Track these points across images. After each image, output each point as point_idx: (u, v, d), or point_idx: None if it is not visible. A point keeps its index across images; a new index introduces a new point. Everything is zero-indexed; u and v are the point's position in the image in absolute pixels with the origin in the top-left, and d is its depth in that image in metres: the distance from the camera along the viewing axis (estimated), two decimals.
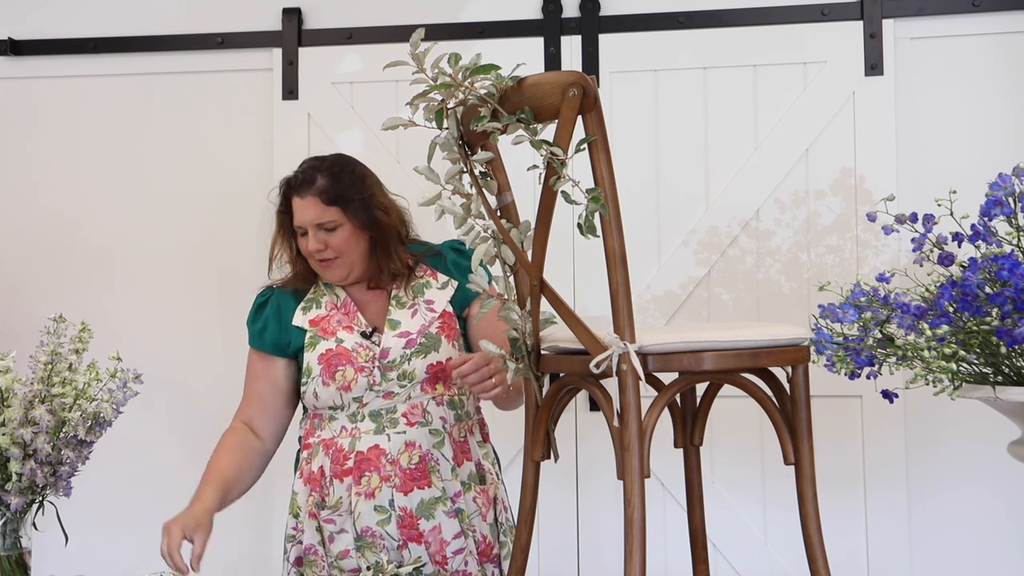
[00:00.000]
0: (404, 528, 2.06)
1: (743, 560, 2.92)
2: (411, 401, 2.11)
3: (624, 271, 1.60)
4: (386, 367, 2.10)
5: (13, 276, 3.24)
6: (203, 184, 3.20)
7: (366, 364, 2.10)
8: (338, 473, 2.09)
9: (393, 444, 2.08)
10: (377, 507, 2.06)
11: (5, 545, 1.97)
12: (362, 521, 2.07)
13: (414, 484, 2.07)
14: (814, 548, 1.77)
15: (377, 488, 2.06)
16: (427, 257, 2.22)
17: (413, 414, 2.10)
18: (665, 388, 1.74)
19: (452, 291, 2.19)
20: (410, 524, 2.06)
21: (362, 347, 2.11)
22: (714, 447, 2.92)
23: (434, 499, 2.07)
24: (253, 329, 2.22)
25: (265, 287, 2.26)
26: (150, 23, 3.23)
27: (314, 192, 2.11)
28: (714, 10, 3.01)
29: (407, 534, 2.06)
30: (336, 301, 2.18)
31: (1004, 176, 1.73)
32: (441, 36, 2.90)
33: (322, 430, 2.14)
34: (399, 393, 2.10)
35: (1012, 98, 2.90)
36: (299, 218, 2.13)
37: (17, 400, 1.98)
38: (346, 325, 2.15)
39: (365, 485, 2.07)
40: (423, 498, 2.07)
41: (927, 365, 1.62)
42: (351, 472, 2.08)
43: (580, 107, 1.56)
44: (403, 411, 2.10)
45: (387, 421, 2.09)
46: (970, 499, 2.87)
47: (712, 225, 2.97)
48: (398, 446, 2.08)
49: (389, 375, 2.10)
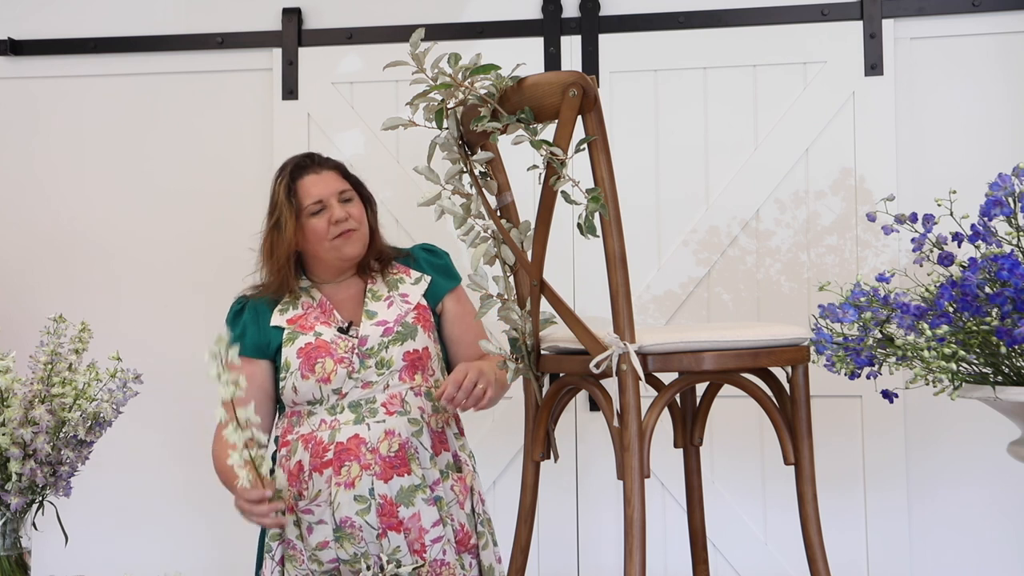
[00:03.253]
0: (383, 516, 2.08)
1: (743, 560, 2.92)
2: (389, 390, 2.14)
3: (624, 271, 1.60)
4: (364, 354, 2.14)
5: (13, 276, 3.24)
6: (203, 184, 3.19)
7: (345, 355, 2.13)
8: (317, 466, 2.11)
9: (373, 433, 2.10)
10: (357, 496, 2.08)
11: (5, 545, 1.97)
12: (341, 511, 2.08)
13: (394, 472, 2.09)
14: (814, 548, 1.77)
15: (357, 477, 2.08)
16: (399, 258, 2.31)
17: (392, 404, 2.13)
18: (665, 388, 1.74)
19: (425, 286, 2.26)
20: (390, 512, 2.08)
21: (341, 339, 2.15)
22: (714, 447, 2.92)
23: (413, 487, 2.10)
24: (233, 335, 2.22)
25: (239, 296, 2.30)
26: (150, 23, 3.22)
27: (329, 167, 2.23)
28: (714, 10, 3.01)
29: (386, 522, 2.08)
30: (312, 302, 2.23)
31: (1004, 176, 1.73)
32: (441, 36, 2.90)
33: (300, 426, 2.16)
34: (377, 382, 2.13)
35: (1012, 98, 2.90)
36: (319, 191, 2.18)
37: (17, 400, 1.98)
38: (323, 321, 2.19)
39: (345, 475, 2.09)
40: (402, 485, 2.09)
41: (927, 365, 1.62)
42: (331, 463, 2.10)
43: (580, 107, 1.56)
44: (382, 401, 2.13)
45: (366, 411, 2.12)
46: (970, 499, 2.87)
47: (712, 225, 2.97)
48: (378, 434, 2.10)
49: (367, 362, 2.13)
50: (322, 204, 2.17)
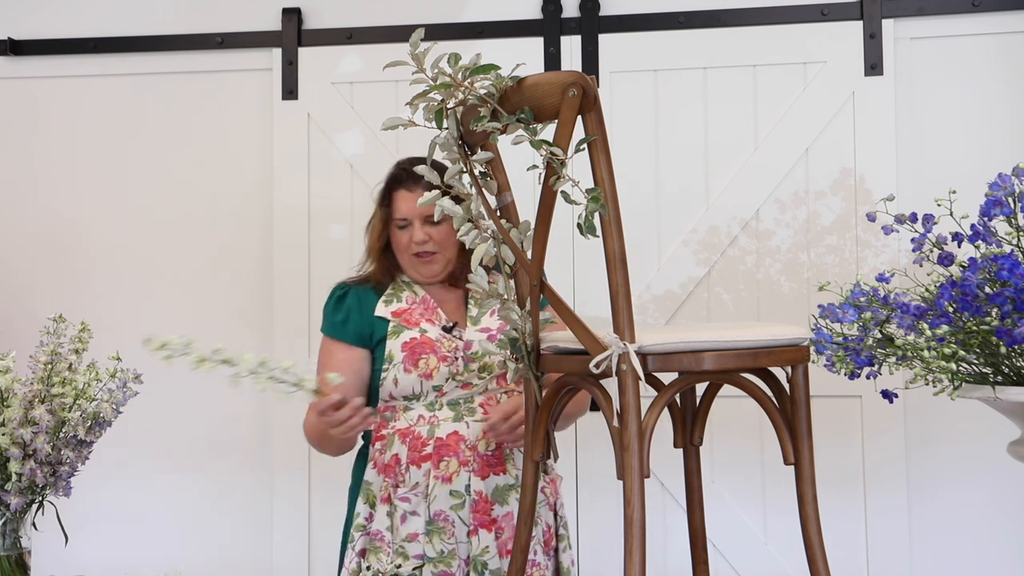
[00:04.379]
0: (477, 513, 2.10)
1: (743, 560, 2.92)
2: (487, 393, 2.17)
3: (624, 271, 1.60)
4: (469, 358, 2.17)
5: (13, 276, 3.24)
6: (203, 184, 3.19)
7: (449, 354, 2.16)
8: (415, 460, 2.13)
9: (472, 431, 2.13)
10: (453, 491, 2.10)
11: (5, 545, 1.97)
12: (436, 504, 2.10)
13: (490, 470, 2.12)
14: (814, 548, 1.77)
15: (455, 472, 2.11)
16: None
17: (489, 404, 2.16)
18: (665, 388, 1.74)
19: None
20: (484, 509, 2.10)
21: (445, 338, 2.18)
22: (714, 447, 2.92)
23: (508, 486, 2.13)
24: (335, 320, 2.24)
25: (340, 282, 2.30)
26: (150, 23, 3.23)
27: (423, 186, 2.16)
28: (714, 10, 3.01)
29: (479, 519, 2.10)
30: (415, 297, 2.24)
31: (1004, 176, 1.73)
32: (441, 36, 2.90)
33: (396, 421, 2.17)
34: (477, 385, 2.17)
35: (1012, 98, 2.90)
36: (406, 210, 2.20)
37: (17, 400, 1.98)
38: (428, 318, 2.21)
39: (443, 469, 2.11)
40: (498, 484, 2.12)
41: (927, 365, 1.62)
42: (430, 457, 2.12)
43: (580, 107, 1.56)
44: (480, 401, 2.16)
45: (465, 410, 2.15)
46: (970, 499, 2.87)
47: (712, 225, 2.97)
48: (476, 432, 2.13)
49: (471, 366, 2.17)
50: (407, 222, 2.20)
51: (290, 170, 3.13)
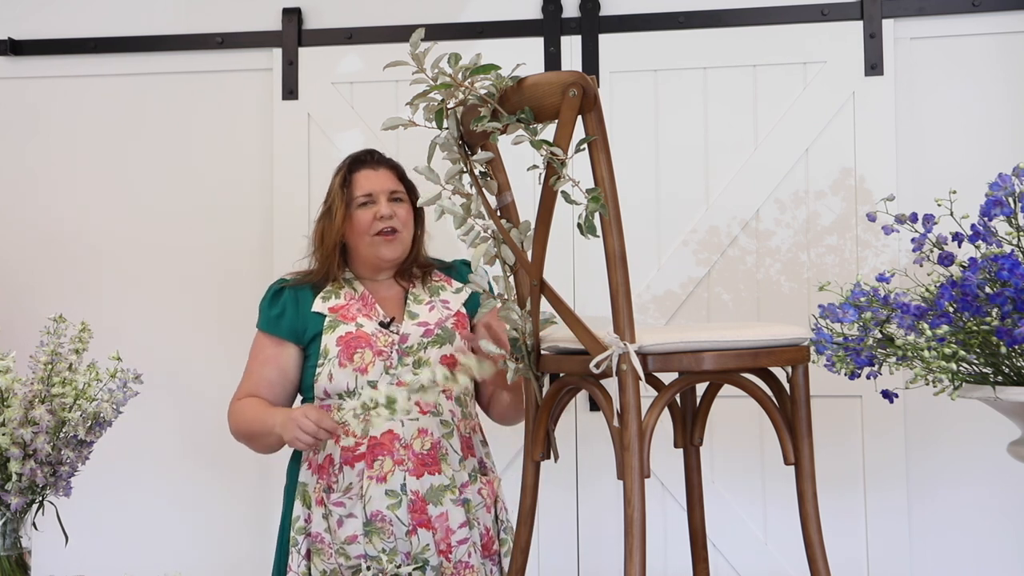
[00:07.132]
0: (414, 513, 2.09)
1: (743, 560, 2.92)
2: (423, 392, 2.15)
3: (624, 271, 1.60)
4: (404, 351, 2.16)
5: (13, 276, 3.24)
6: (203, 184, 3.19)
7: (385, 348, 2.16)
8: (349, 459, 2.12)
9: (407, 430, 2.12)
10: (388, 491, 2.09)
11: (5, 545, 1.97)
12: (372, 505, 2.09)
13: (425, 469, 2.11)
14: (814, 548, 1.77)
15: (390, 472, 2.10)
16: (441, 268, 2.34)
17: (425, 404, 2.15)
18: (665, 388, 1.74)
19: (466, 296, 2.29)
20: (420, 509, 2.10)
21: (382, 333, 2.17)
22: (714, 447, 2.92)
23: (443, 486, 2.12)
24: (270, 314, 2.25)
25: (278, 279, 2.31)
26: (150, 23, 3.22)
27: (387, 166, 2.28)
28: (714, 10, 3.01)
29: (417, 519, 2.09)
30: (354, 294, 2.24)
31: (1004, 176, 1.73)
32: (441, 36, 2.90)
33: None
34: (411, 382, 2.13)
35: (1012, 98, 2.90)
36: (371, 185, 2.23)
37: (17, 400, 1.97)
38: (365, 314, 2.21)
39: (377, 469, 2.10)
40: (433, 484, 2.11)
41: (927, 365, 1.62)
42: (363, 457, 2.11)
43: (580, 107, 1.56)
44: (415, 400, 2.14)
45: None
46: (970, 499, 2.87)
47: (712, 225, 2.97)
48: (411, 432, 2.12)
49: (405, 360, 2.16)
50: (371, 198, 2.22)
51: (290, 170, 3.13)
